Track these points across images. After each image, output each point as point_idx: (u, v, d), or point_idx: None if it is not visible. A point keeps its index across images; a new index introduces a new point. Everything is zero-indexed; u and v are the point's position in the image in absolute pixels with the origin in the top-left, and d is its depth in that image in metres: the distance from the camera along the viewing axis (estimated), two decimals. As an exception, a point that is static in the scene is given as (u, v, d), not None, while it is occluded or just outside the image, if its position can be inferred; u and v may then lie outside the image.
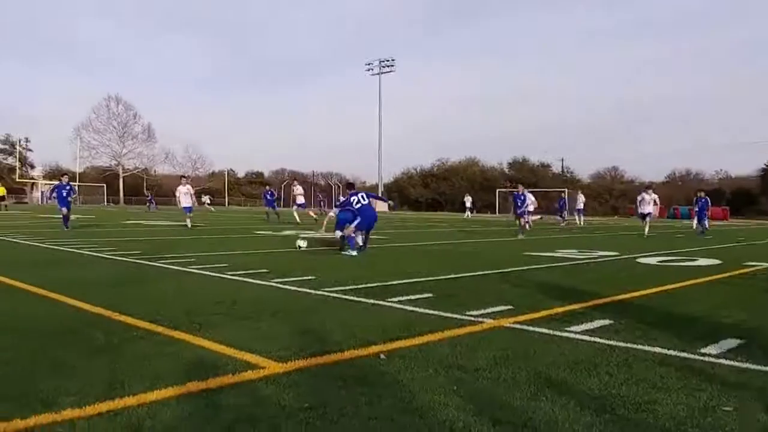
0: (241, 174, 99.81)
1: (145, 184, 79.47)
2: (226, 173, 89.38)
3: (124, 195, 78.40)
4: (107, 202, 72.55)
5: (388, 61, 69.73)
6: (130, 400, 2.83)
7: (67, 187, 17.35)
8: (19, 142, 79.81)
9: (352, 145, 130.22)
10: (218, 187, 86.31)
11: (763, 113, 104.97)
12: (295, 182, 24.06)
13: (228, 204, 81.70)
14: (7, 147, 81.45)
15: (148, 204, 49.05)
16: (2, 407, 2.72)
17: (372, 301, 5.84)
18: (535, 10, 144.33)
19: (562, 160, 75.44)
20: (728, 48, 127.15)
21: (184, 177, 23.16)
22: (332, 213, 11.91)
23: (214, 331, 4.30)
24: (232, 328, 4.54)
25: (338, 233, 11.24)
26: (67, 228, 16.42)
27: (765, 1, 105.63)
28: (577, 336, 4.49)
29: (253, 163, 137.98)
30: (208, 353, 3.76)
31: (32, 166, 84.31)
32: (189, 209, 19.31)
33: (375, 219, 11.35)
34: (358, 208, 11.02)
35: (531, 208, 19.72)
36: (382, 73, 69.83)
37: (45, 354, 3.68)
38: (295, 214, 23.78)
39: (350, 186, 13.00)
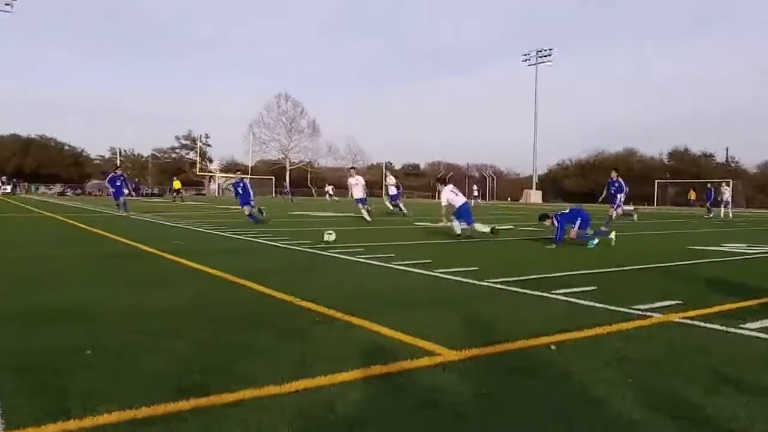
0: (398, 166, 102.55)
1: (309, 177, 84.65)
2: (383, 165, 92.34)
3: (291, 187, 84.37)
4: (275, 194, 78.52)
5: (545, 51, 67.84)
6: (321, 380, 3.08)
7: (241, 184, 17.63)
8: (200, 138, 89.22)
9: (506, 137, 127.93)
10: (376, 179, 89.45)
11: None
12: (388, 173, 22.46)
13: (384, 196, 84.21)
14: (188, 143, 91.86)
15: (286, 195, 52.50)
16: (206, 382, 3.08)
17: (537, 292, 5.75)
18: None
19: (727, 149, 67.95)
20: None
21: (353, 168, 22.77)
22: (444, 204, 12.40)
23: (388, 318, 4.52)
24: (404, 315, 4.73)
25: (456, 224, 12.05)
26: (253, 220, 16.42)
27: None
28: (754, 333, 4.21)
29: (410, 155, 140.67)
30: (384, 339, 3.96)
31: (210, 161, 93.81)
32: (363, 200, 18.61)
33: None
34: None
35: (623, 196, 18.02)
36: (539, 63, 68.02)
37: (239, 335, 4.10)
38: (388, 204, 22.47)
39: (444, 181, 13.55)
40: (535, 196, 63.98)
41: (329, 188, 53.16)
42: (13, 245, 10.38)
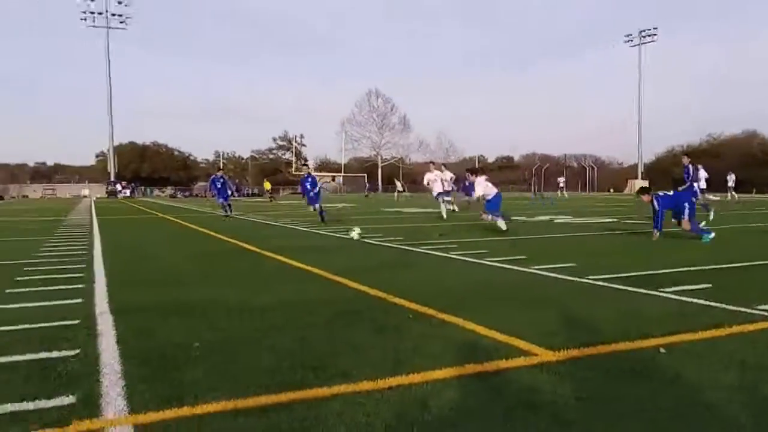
0: (491, 159, 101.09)
1: (400, 173, 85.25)
2: (476, 159, 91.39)
3: (382, 183, 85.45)
4: (366, 191, 79.95)
5: (649, 30, 64.23)
6: (415, 377, 3.09)
7: (309, 179, 16.53)
8: (295, 138, 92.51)
9: (608, 125, 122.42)
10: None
11: None
12: (432, 166, 19.71)
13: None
14: (284, 143, 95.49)
15: (368, 190, 53.26)
16: (304, 375, 3.18)
17: (643, 290, 5.45)
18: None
19: None
20: None
21: (432, 163, 21.70)
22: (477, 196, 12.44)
23: (482, 316, 4.45)
24: (499, 313, 4.64)
25: (500, 221, 12.06)
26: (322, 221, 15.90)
27: None
28: None
29: (503, 147, 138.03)
30: (479, 337, 3.91)
31: (306, 160, 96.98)
32: (443, 194, 17.76)
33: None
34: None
35: (704, 184, 16.11)
36: (642, 44, 64.60)
37: (335, 331, 4.19)
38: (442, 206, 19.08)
39: (476, 172, 13.25)
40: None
41: (398, 184, 51.90)
42: (135, 246, 11.24)
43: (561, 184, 47.01)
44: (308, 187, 15.90)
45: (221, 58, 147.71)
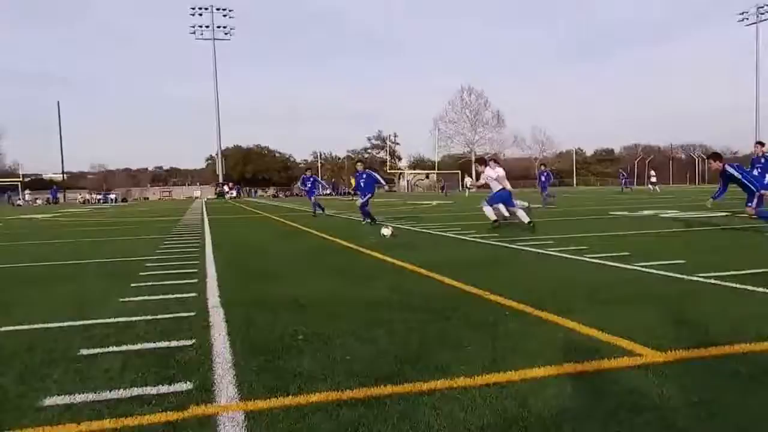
0: (589, 152, 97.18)
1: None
2: (573, 152, 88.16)
3: (477, 180, 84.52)
4: (461, 188, 79.30)
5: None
6: (512, 375, 3.07)
7: (363, 175, 15.96)
8: (389, 137, 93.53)
9: (719, 111, 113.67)
10: (565, 168, 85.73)
11: None
12: (491, 161, 17.64)
13: (576, 184, 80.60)
14: (379, 143, 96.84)
15: (444, 189, 52.46)
16: (402, 369, 3.24)
17: (761, 289, 5.06)
18: None
19: None
20: None
21: (493, 159, 20.27)
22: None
23: (582, 314, 4.32)
24: (599, 311, 4.49)
25: (520, 211, 12.01)
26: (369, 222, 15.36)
27: None
28: None
29: (603, 140, 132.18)
30: (579, 336, 3.80)
31: (399, 158, 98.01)
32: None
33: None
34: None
35: None
36: (759, 21, 59.43)
37: (431, 326, 4.23)
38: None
39: (485, 162, 13.14)
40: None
41: (468, 180, 48.86)
42: (241, 243, 11.88)
43: (652, 178, 44.19)
44: (361, 184, 15.79)
45: (317, 61, 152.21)
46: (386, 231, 11.31)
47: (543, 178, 22.61)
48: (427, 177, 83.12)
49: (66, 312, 5.00)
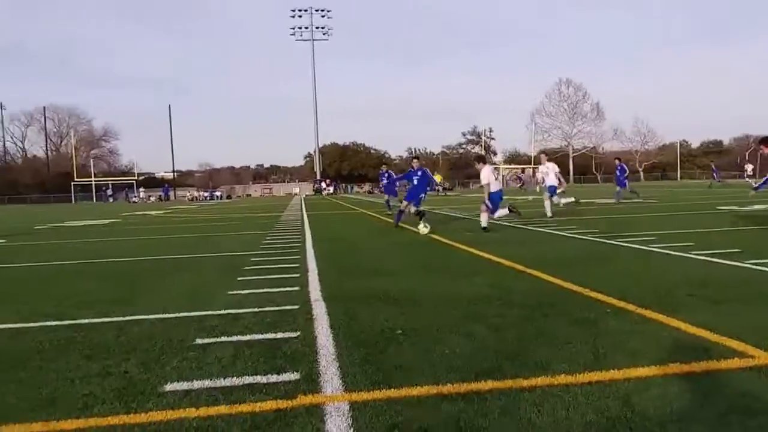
0: (695, 144, 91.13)
1: (593, 163, 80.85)
2: (677, 145, 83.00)
3: (574, 174, 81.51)
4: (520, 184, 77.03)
5: None
6: (615, 374, 3.03)
7: (419, 173, 14.37)
8: (484, 132, 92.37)
9: None
10: (669, 161, 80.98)
11: None
12: (543, 157, 15.94)
13: (680, 178, 76.01)
14: (474, 138, 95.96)
15: (522, 185, 50.56)
16: (502, 365, 3.27)
17: None
18: None
19: None
20: None
21: (543, 153, 18.57)
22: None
23: (688, 313, 4.16)
24: (707, 310, 4.29)
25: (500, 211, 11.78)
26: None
27: None
28: None
29: (710, 131, 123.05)
30: (684, 335, 3.67)
31: (494, 153, 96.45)
32: (553, 189, 15.75)
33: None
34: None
35: None
36: None
37: (531, 322, 4.21)
38: (546, 202, 15.73)
39: (483, 159, 13.13)
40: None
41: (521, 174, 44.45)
42: (339, 238, 12.25)
43: (749, 171, 40.42)
44: (415, 182, 14.11)
45: (411, 58, 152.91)
46: (424, 229, 11.52)
47: (618, 173, 21.45)
48: (523, 172, 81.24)
49: (181, 303, 5.43)
